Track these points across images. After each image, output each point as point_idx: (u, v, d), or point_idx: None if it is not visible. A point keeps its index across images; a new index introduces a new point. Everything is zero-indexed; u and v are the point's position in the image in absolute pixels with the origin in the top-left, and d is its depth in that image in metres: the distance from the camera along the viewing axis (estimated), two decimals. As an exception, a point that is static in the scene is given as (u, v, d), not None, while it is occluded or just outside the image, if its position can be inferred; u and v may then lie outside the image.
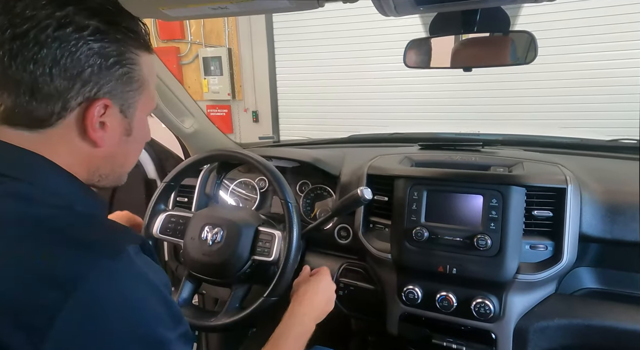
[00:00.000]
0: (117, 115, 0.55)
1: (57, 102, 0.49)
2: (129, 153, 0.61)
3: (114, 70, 0.52)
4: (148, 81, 0.58)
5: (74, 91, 0.49)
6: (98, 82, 0.51)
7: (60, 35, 0.47)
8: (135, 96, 0.56)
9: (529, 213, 0.94)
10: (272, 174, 0.97)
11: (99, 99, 0.51)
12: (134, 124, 0.58)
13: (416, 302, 0.98)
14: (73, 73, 0.49)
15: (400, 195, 1.02)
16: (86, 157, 0.55)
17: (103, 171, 0.58)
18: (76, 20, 0.48)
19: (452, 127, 2.97)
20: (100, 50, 0.50)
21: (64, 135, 0.52)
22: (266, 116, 4.96)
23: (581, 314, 0.90)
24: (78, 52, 0.48)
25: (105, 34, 0.50)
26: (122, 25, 0.53)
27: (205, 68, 4.90)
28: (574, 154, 1.24)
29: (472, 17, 0.83)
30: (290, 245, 0.91)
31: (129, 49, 0.53)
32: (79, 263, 0.43)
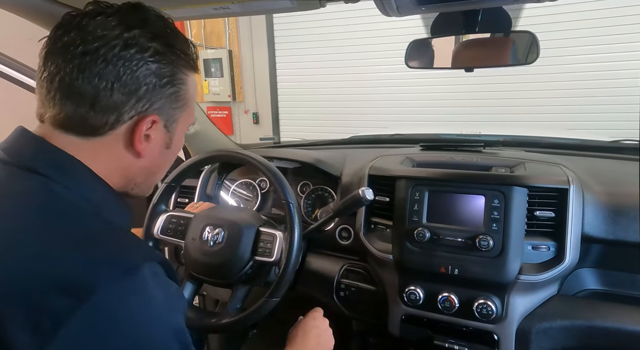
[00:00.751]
0: (161, 130, 0.59)
1: (113, 114, 0.53)
2: (164, 164, 0.66)
3: (165, 89, 0.56)
4: (191, 99, 0.63)
5: (129, 106, 0.54)
6: (150, 99, 0.55)
7: (125, 54, 0.52)
8: (179, 113, 0.61)
9: (531, 214, 0.94)
10: (273, 175, 0.96)
11: (149, 114, 0.56)
12: (174, 138, 0.62)
13: (418, 303, 0.98)
14: (131, 89, 0.53)
15: (401, 196, 1.02)
16: (127, 166, 0.59)
17: (138, 180, 0.62)
18: (140, 42, 0.53)
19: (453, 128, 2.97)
20: (156, 70, 0.55)
21: (110, 145, 0.56)
22: (267, 118, 4.96)
23: (583, 315, 0.90)
24: (138, 71, 0.53)
25: (163, 55, 0.55)
26: (177, 48, 0.57)
27: (206, 70, 4.90)
28: (576, 155, 1.23)
29: (473, 17, 0.84)
30: (292, 245, 0.90)
31: (180, 70, 0.58)
32: (94, 273, 0.44)
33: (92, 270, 0.44)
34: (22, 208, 0.49)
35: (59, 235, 0.46)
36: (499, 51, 0.91)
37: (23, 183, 0.51)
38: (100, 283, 0.43)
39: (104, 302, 0.42)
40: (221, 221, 0.97)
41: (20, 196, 0.50)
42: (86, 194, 0.54)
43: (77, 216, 0.50)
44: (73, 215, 0.50)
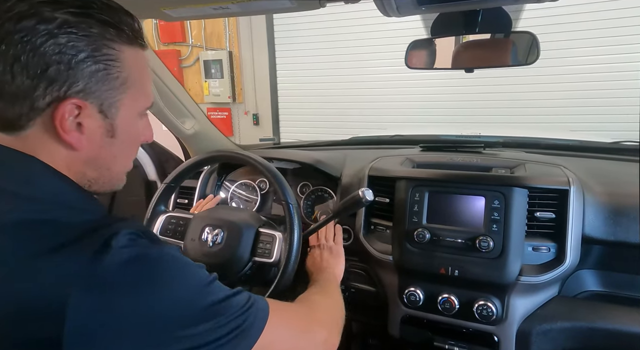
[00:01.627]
0: (95, 116, 0.50)
1: (24, 102, 0.46)
2: (115, 155, 0.55)
3: (85, 66, 0.47)
4: (135, 78, 0.53)
5: (39, 90, 0.45)
6: (67, 80, 0.46)
7: (20, 28, 0.43)
8: (117, 95, 0.51)
9: (531, 215, 0.94)
10: (273, 175, 0.96)
11: (69, 98, 0.47)
12: (117, 125, 0.53)
13: (418, 304, 0.98)
14: (37, 70, 0.44)
15: (401, 197, 1.02)
16: (67, 161, 0.51)
17: (90, 175, 0.54)
18: (41, 12, 0.44)
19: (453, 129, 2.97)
20: (68, 44, 0.45)
21: (39, 138, 0.48)
22: (267, 119, 4.96)
23: (584, 316, 0.89)
24: (42, 47, 0.44)
25: (75, 27, 0.45)
26: (98, 17, 0.47)
27: (206, 71, 4.91)
28: (576, 156, 1.23)
29: (473, 17, 0.84)
30: (291, 246, 0.90)
31: (105, 43, 0.48)
32: (74, 259, 0.42)
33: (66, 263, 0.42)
34: None
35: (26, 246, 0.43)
36: (499, 52, 0.91)
37: None
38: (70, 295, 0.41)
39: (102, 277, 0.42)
40: (220, 222, 0.97)
41: None
42: (48, 190, 0.49)
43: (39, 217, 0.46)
44: (33, 218, 0.45)
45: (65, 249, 0.43)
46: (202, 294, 0.49)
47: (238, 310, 0.52)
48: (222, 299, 0.51)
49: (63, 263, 0.42)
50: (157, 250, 0.48)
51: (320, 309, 0.74)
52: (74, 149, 0.50)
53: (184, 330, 0.45)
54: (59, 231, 0.45)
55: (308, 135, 4.77)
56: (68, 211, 0.49)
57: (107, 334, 0.41)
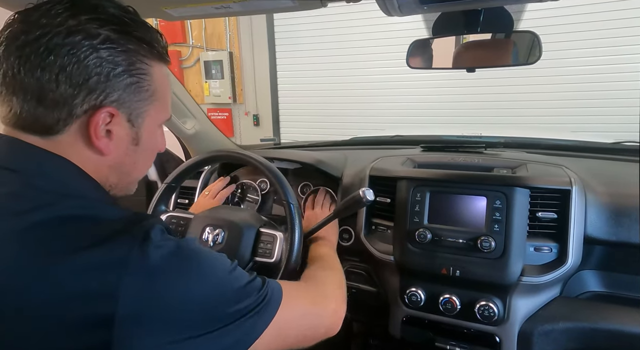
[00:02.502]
0: (124, 124, 0.55)
1: (63, 109, 0.49)
2: (137, 162, 0.60)
3: (122, 79, 0.52)
4: (160, 92, 0.58)
5: (79, 98, 0.49)
6: (105, 90, 0.51)
7: (69, 42, 0.48)
8: (144, 106, 0.56)
9: (533, 215, 0.93)
10: (274, 175, 0.96)
11: (104, 106, 0.51)
12: (142, 133, 0.58)
13: (419, 304, 0.97)
14: (79, 80, 0.49)
15: (402, 197, 1.02)
16: (95, 165, 0.55)
17: (112, 180, 0.58)
18: (87, 28, 0.49)
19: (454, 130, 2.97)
20: (109, 58, 0.50)
21: (71, 144, 0.52)
22: (267, 120, 4.96)
23: (586, 317, 0.89)
24: (86, 60, 0.48)
25: (116, 43, 0.51)
26: (135, 35, 0.53)
27: (207, 71, 4.91)
28: (578, 156, 1.23)
29: (475, 17, 0.83)
30: (292, 246, 0.89)
31: (140, 59, 0.54)
32: (116, 250, 0.46)
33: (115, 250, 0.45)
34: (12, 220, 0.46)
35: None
36: (500, 51, 0.91)
37: None
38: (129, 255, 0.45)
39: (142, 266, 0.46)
40: (221, 222, 0.97)
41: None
42: (73, 184, 0.52)
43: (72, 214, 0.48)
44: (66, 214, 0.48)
45: (109, 241, 0.46)
46: (231, 279, 0.55)
47: (259, 290, 0.57)
48: (247, 282, 0.57)
49: (110, 252, 0.45)
50: (188, 243, 0.53)
51: (326, 282, 0.80)
52: (102, 154, 0.54)
53: (220, 311, 0.51)
54: (101, 225, 0.48)
55: (308, 136, 4.78)
56: (102, 207, 0.52)
57: (155, 314, 0.45)
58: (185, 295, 0.48)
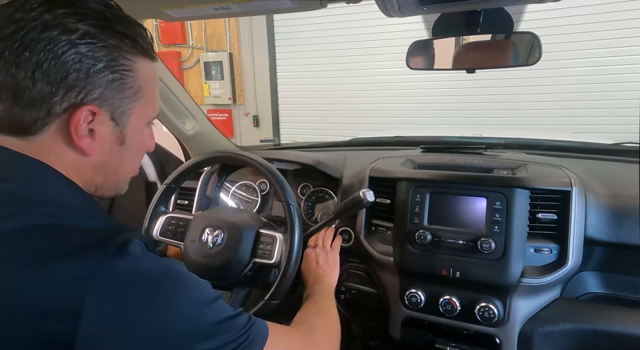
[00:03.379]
0: (107, 123, 0.52)
1: (41, 107, 0.47)
2: (123, 162, 0.58)
3: (103, 75, 0.49)
4: (146, 89, 0.55)
5: (58, 96, 0.47)
6: (85, 87, 0.48)
7: (45, 37, 0.45)
8: (129, 103, 0.54)
9: (533, 216, 0.93)
10: (274, 176, 0.96)
11: (85, 104, 0.49)
12: (127, 132, 0.55)
13: (419, 306, 0.97)
14: (57, 77, 0.46)
15: (402, 198, 1.01)
16: (77, 166, 0.52)
17: (97, 181, 0.56)
18: (64, 23, 0.46)
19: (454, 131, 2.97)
20: (88, 54, 0.47)
21: (51, 143, 0.50)
22: (267, 120, 4.96)
23: (587, 318, 0.89)
24: (64, 56, 0.46)
25: (96, 38, 0.48)
26: (116, 30, 0.50)
27: (207, 72, 4.91)
28: (577, 157, 1.23)
29: (475, 18, 0.83)
30: (292, 247, 0.89)
31: (122, 54, 0.51)
32: (82, 268, 0.43)
33: (79, 267, 0.43)
34: None
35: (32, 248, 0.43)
36: (500, 52, 0.91)
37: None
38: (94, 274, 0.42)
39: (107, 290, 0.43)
40: (221, 223, 0.96)
41: None
42: (54, 195, 0.50)
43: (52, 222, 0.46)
44: (44, 221, 0.46)
45: (80, 253, 0.43)
46: (207, 311, 0.50)
47: (241, 328, 0.53)
48: (226, 317, 0.52)
49: (79, 266, 0.43)
50: (167, 264, 0.50)
51: (318, 332, 0.74)
52: (84, 154, 0.51)
53: (189, 346, 0.47)
54: (72, 235, 0.46)
55: (308, 137, 4.77)
56: (77, 216, 0.49)
57: (118, 340, 0.42)
58: (153, 322, 0.44)
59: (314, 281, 0.93)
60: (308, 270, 0.97)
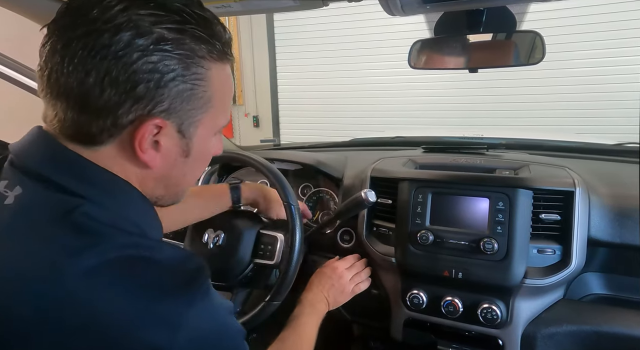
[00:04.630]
0: (173, 135, 0.48)
1: (107, 118, 0.44)
2: (186, 174, 0.54)
3: (174, 86, 0.45)
4: (218, 97, 0.51)
5: (125, 107, 0.44)
6: (153, 99, 0.44)
7: (117, 41, 0.42)
8: (198, 115, 0.49)
9: (536, 216, 0.92)
10: (274, 176, 0.95)
11: (152, 117, 0.45)
12: (193, 144, 0.51)
13: (421, 307, 0.97)
14: (126, 87, 0.43)
15: (404, 198, 1.01)
16: (140, 179, 0.50)
17: (158, 192, 0.53)
18: (140, 25, 0.42)
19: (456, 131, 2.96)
20: (160, 63, 0.44)
21: (115, 155, 0.47)
22: (267, 121, 4.96)
23: (590, 320, 0.88)
24: (134, 64, 0.42)
25: (170, 43, 0.44)
26: (193, 34, 0.46)
27: (207, 73, 4.90)
28: (580, 157, 1.22)
29: (478, 17, 0.83)
30: (293, 248, 0.89)
31: (196, 62, 0.47)
32: (176, 306, 0.43)
33: (175, 304, 0.43)
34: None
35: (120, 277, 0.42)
36: (503, 51, 0.90)
37: None
38: (188, 311, 0.43)
39: (196, 327, 0.43)
40: (221, 224, 0.96)
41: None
42: (132, 216, 0.48)
43: (129, 253, 0.44)
44: (124, 253, 0.44)
45: (170, 294, 0.43)
46: None
47: None
48: None
49: (169, 310, 0.42)
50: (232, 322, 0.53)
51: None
52: (147, 167, 0.49)
53: None
54: (159, 271, 0.45)
55: (309, 138, 4.77)
56: (155, 245, 0.48)
57: None
58: None
59: (315, 298, 0.92)
60: (320, 284, 0.95)
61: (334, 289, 0.95)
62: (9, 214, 0.44)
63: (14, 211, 0.44)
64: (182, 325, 0.42)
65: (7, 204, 0.44)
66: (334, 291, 0.95)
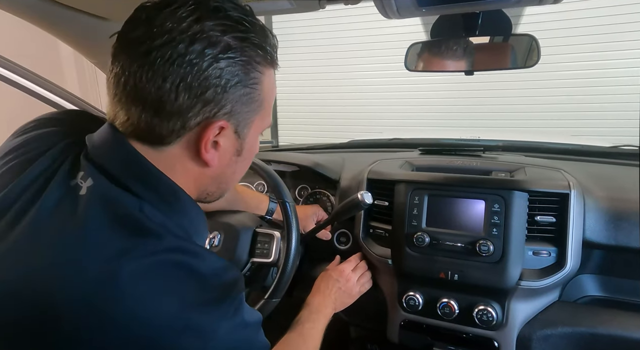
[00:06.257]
0: (230, 136, 0.52)
1: (178, 120, 0.47)
2: (236, 172, 0.59)
3: (236, 90, 0.49)
4: (268, 100, 0.55)
5: (194, 110, 0.47)
6: (220, 103, 0.48)
7: (192, 50, 0.45)
8: (252, 116, 0.53)
9: (531, 218, 0.93)
10: (268, 175, 0.95)
11: (217, 120, 0.49)
12: (245, 144, 0.55)
13: (417, 309, 0.97)
14: (197, 92, 0.46)
15: (400, 200, 1.01)
16: (197, 176, 0.54)
17: (210, 189, 0.58)
18: (210, 35, 0.46)
19: (452, 133, 2.97)
20: (227, 69, 0.47)
21: (179, 155, 0.51)
22: (265, 123, 4.96)
23: (586, 322, 0.88)
24: (206, 71, 0.46)
25: (235, 51, 0.48)
26: (252, 41, 0.49)
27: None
28: (575, 160, 1.23)
29: (474, 20, 0.83)
30: (290, 244, 0.89)
31: (254, 67, 0.51)
32: (211, 318, 0.46)
33: (209, 316, 0.46)
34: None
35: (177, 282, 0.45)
36: (499, 54, 0.91)
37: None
38: (219, 326, 0.46)
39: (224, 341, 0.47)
40: (217, 224, 0.96)
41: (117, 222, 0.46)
42: (182, 222, 0.51)
43: (178, 258, 0.47)
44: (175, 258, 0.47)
45: (206, 306, 0.46)
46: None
47: None
48: None
49: (205, 320, 0.45)
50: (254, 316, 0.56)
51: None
52: (207, 165, 0.52)
53: None
54: (200, 282, 0.47)
55: (306, 140, 4.77)
56: (199, 253, 0.50)
57: None
58: None
59: (322, 302, 0.93)
60: (327, 288, 0.96)
61: (341, 292, 0.97)
62: (82, 205, 0.46)
63: (85, 202, 0.46)
64: (214, 337, 0.45)
65: (81, 194, 0.47)
66: (341, 294, 0.97)
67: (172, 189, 0.51)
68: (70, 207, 0.46)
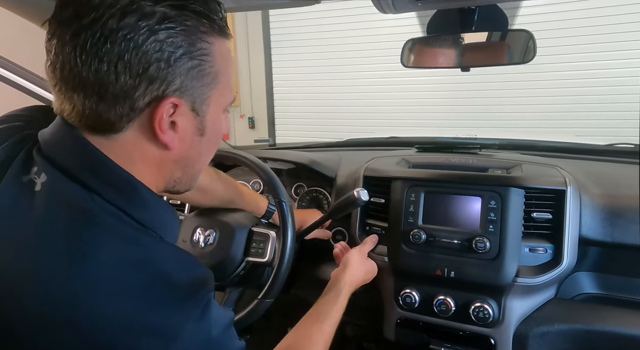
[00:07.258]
0: (188, 114, 0.49)
1: (125, 103, 0.44)
2: (201, 153, 0.55)
3: (182, 63, 0.45)
4: (223, 72, 0.51)
5: (140, 90, 0.44)
6: (166, 79, 0.45)
7: (124, 25, 0.42)
8: (208, 91, 0.50)
9: (528, 215, 0.93)
10: (265, 173, 0.95)
11: (167, 97, 0.45)
12: (206, 122, 0.52)
13: (413, 306, 0.96)
14: (139, 69, 0.43)
15: (397, 197, 1.01)
16: (158, 162, 0.50)
17: (176, 175, 0.54)
18: (142, 6, 0.42)
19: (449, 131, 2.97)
20: (167, 41, 0.44)
21: (135, 141, 0.47)
22: (262, 122, 4.95)
23: (582, 319, 0.88)
24: (144, 45, 0.42)
25: (174, 21, 0.44)
26: (193, 9, 0.46)
27: (202, 74, 4.89)
28: (571, 157, 1.23)
29: (470, 15, 0.83)
30: (285, 244, 0.88)
31: (200, 37, 0.47)
32: (173, 319, 0.43)
33: (174, 312, 0.44)
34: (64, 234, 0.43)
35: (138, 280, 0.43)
36: (495, 50, 0.90)
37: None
38: (186, 323, 0.43)
39: (191, 338, 0.44)
40: (212, 222, 0.95)
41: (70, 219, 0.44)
42: (143, 215, 0.48)
43: (149, 256, 0.45)
44: (142, 255, 0.45)
45: (169, 306, 0.44)
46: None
47: None
48: None
49: (165, 321, 0.43)
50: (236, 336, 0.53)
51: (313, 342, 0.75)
52: (167, 148, 0.49)
53: None
54: (162, 282, 0.45)
55: (304, 139, 4.76)
56: (163, 250, 0.48)
57: None
58: None
59: (351, 282, 0.90)
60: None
61: (366, 273, 0.95)
62: (37, 205, 0.45)
63: (40, 201, 0.45)
64: (177, 337, 0.42)
65: (36, 191, 0.46)
66: (364, 275, 0.95)
67: (127, 179, 0.48)
68: (25, 205, 0.45)
